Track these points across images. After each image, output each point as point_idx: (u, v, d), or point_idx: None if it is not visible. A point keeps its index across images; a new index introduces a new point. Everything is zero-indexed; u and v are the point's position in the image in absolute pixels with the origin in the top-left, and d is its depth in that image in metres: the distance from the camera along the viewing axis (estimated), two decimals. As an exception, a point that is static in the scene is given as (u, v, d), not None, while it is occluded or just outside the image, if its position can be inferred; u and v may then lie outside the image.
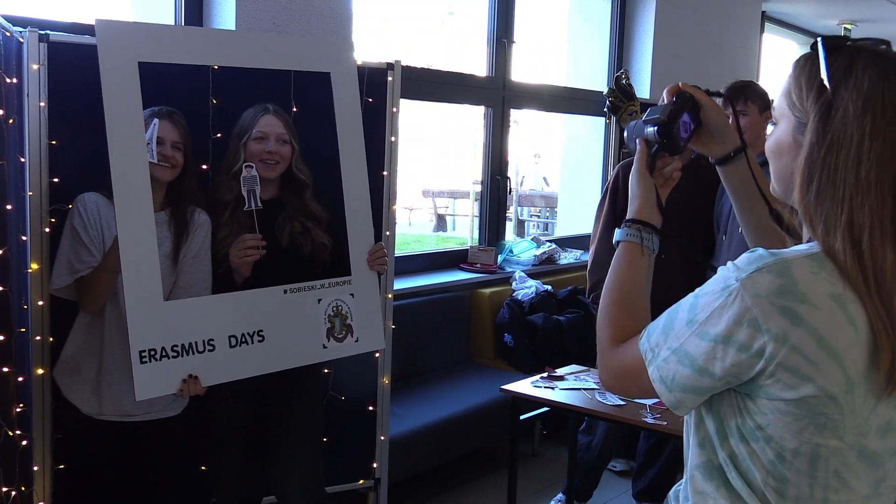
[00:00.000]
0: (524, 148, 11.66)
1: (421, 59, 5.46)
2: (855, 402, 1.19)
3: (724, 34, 6.83)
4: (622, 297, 1.42)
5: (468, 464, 4.40)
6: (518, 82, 5.36)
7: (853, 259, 1.17)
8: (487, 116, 5.27)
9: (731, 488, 1.28)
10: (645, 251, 1.44)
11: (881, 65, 1.21)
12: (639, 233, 1.45)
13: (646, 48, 6.05)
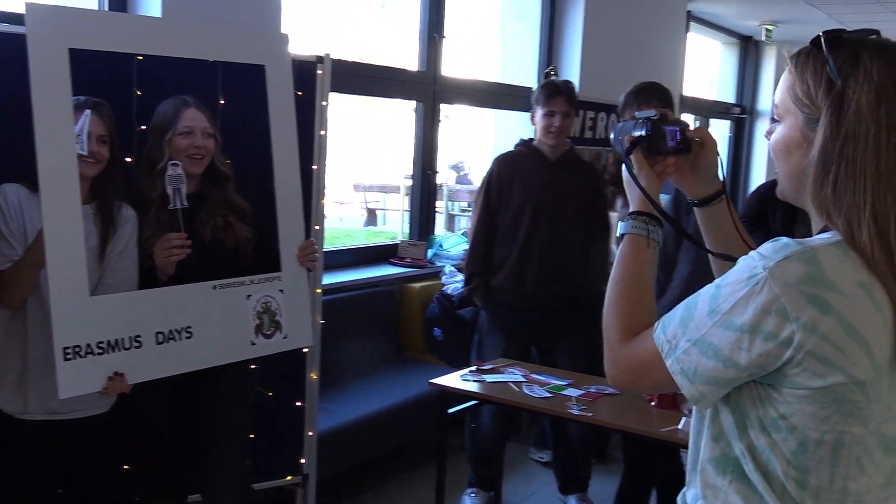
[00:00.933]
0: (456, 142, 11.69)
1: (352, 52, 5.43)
2: (881, 389, 1.19)
3: (651, 32, 6.95)
4: (631, 290, 1.39)
5: (397, 458, 4.41)
6: (449, 77, 5.38)
7: (880, 249, 1.17)
8: (418, 111, 5.27)
9: (745, 482, 1.27)
10: (651, 243, 1.42)
11: (887, 54, 1.22)
12: (645, 225, 1.42)
13: (575, 45, 6.12)
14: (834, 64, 1.21)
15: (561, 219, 3.93)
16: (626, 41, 6.60)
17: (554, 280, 3.91)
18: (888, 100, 1.18)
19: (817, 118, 1.23)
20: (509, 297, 3.96)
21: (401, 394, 4.22)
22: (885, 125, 1.18)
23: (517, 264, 3.91)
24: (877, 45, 1.23)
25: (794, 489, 1.23)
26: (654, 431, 2.91)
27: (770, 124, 1.35)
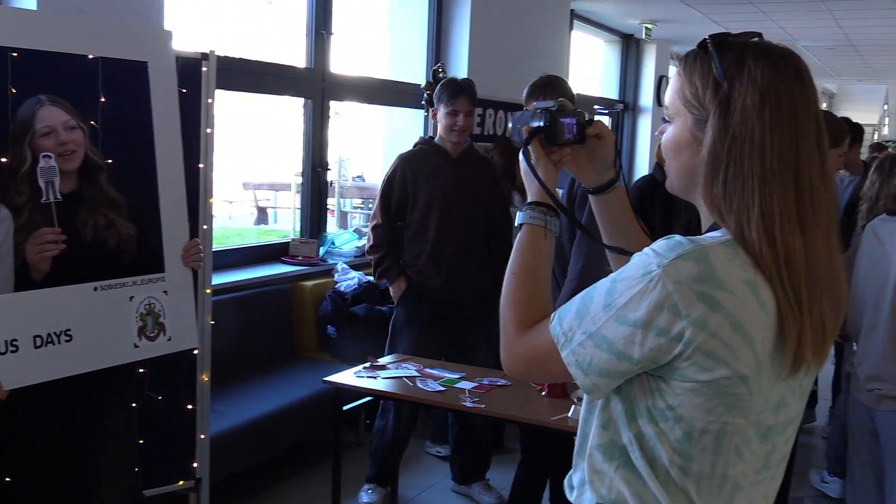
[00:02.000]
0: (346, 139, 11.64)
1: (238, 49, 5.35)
2: (761, 382, 1.24)
3: (536, 30, 7.08)
4: (528, 280, 1.40)
5: (293, 457, 4.37)
6: (338, 74, 5.36)
7: (767, 247, 1.21)
8: (307, 108, 5.23)
9: (631, 468, 1.30)
10: (548, 234, 1.43)
11: (770, 57, 1.26)
12: (542, 215, 1.43)
13: (462, 42, 6.18)
14: (720, 66, 1.26)
15: (468, 214, 4.00)
16: (512, 38, 6.71)
17: (466, 274, 3.96)
18: (771, 101, 1.23)
19: (706, 119, 1.27)
20: (423, 293, 3.98)
21: (295, 393, 4.19)
22: (770, 126, 1.22)
23: (430, 260, 3.96)
24: (760, 48, 1.27)
25: (677, 476, 1.28)
26: (545, 420, 2.98)
27: (662, 124, 1.38)
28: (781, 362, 1.24)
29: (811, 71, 1.29)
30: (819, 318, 1.24)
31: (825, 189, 1.25)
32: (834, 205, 1.29)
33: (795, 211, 1.22)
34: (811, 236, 1.23)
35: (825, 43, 10.62)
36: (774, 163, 1.22)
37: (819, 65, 12.67)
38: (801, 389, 1.33)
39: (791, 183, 1.22)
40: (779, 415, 1.31)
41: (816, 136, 1.25)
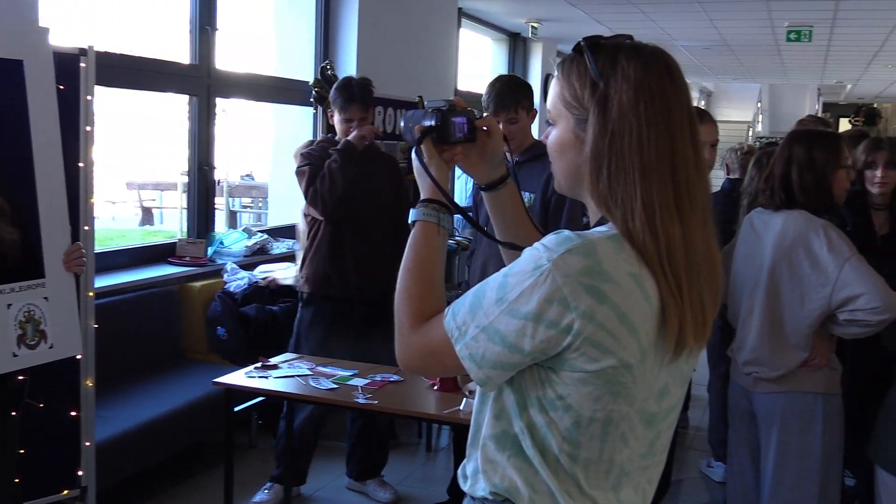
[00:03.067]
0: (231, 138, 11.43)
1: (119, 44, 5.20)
2: (645, 371, 1.29)
3: (425, 28, 7.12)
4: (422, 276, 1.43)
5: (186, 461, 4.29)
6: (224, 71, 5.26)
7: (650, 237, 1.26)
8: (192, 105, 5.12)
9: (523, 457, 1.34)
10: (441, 230, 1.45)
11: (641, 56, 1.31)
12: (435, 212, 1.45)
13: (350, 39, 6.17)
14: (595, 67, 1.31)
15: (373, 211, 3.98)
16: (401, 36, 6.73)
17: (372, 272, 3.95)
18: (645, 97, 1.28)
19: (586, 118, 1.31)
20: (329, 289, 3.95)
21: (184, 395, 4.10)
22: (645, 120, 1.27)
23: (336, 259, 3.92)
24: (631, 48, 1.33)
25: (566, 462, 1.33)
26: (438, 414, 3.03)
27: (546, 127, 1.42)
28: (664, 349, 1.30)
29: (690, 70, 1.37)
30: (699, 303, 1.30)
31: (700, 179, 1.32)
32: (708, 194, 1.35)
33: (674, 201, 1.28)
34: (689, 225, 1.29)
35: (702, 43, 11.04)
36: (652, 156, 1.27)
37: (697, 64, 13.16)
38: (682, 377, 1.40)
39: (668, 174, 1.28)
40: (662, 402, 1.36)
41: (690, 129, 1.31)
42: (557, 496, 1.33)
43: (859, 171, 3.48)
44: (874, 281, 2.64)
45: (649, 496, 1.45)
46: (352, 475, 4.20)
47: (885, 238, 3.47)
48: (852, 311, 2.67)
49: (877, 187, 3.43)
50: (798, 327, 2.80)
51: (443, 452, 4.84)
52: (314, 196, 3.81)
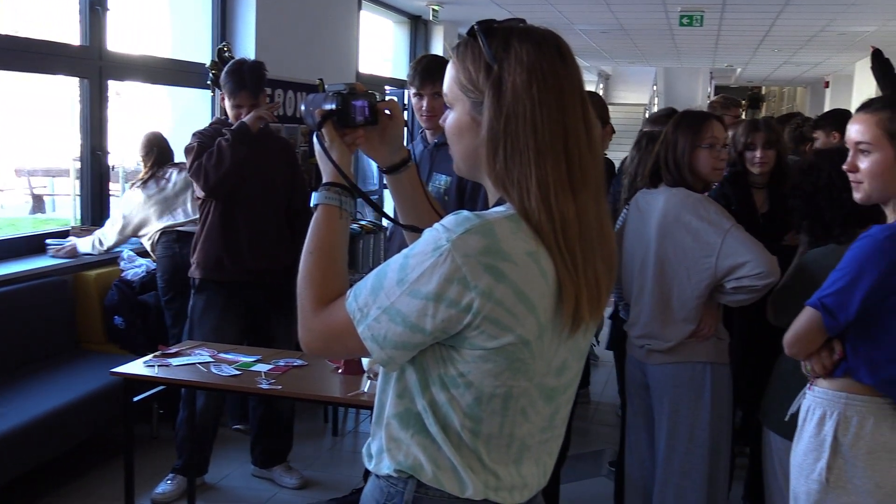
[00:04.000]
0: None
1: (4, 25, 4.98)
2: (544, 347, 1.33)
3: (325, 9, 7.04)
4: (324, 259, 1.43)
5: (85, 455, 4.18)
6: (116, 52, 5.10)
7: (545, 215, 1.29)
8: (83, 88, 4.95)
9: (426, 434, 1.37)
10: (343, 213, 1.46)
11: (533, 39, 1.34)
12: (337, 196, 1.46)
13: (248, 20, 6.05)
14: (489, 50, 1.33)
15: (268, 195, 3.93)
16: (301, 17, 6.65)
17: (265, 255, 3.91)
18: (538, 79, 1.31)
19: (482, 101, 1.34)
20: (222, 274, 3.89)
21: (81, 387, 3.99)
22: (538, 102, 1.31)
23: (229, 243, 3.86)
24: (524, 31, 1.36)
25: (468, 438, 1.36)
26: (342, 397, 3.03)
27: (444, 111, 1.44)
28: (562, 325, 1.34)
29: (588, 53, 1.41)
30: (593, 278, 1.34)
31: (592, 158, 1.36)
32: (601, 173, 1.39)
33: (567, 180, 1.31)
34: (582, 202, 1.33)
35: (599, 27, 11.26)
36: (546, 136, 1.31)
37: (595, 48, 13.40)
38: (580, 352, 1.45)
39: (562, 154, 1.31)
40: (561, 377, 1.41)
41: (582, 109, 1.35)
42: (460, 471, 1.37)
43: (739, 152, 3.63)
44: (756, 248, 2.77)
45: (549, 469, 1.49)
46: (257, 462, 4.17)
47: (766, 216, 3.63)
48: (738, 279, 2.79)
49: (756, 167, 3.59)
50: (686, 300, 2.90)
51: (349, 436, 4.85)
52: (197, 169, 3.75)
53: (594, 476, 4.37)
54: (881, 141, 2.09)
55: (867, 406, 2.10)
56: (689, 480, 2.95)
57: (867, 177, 2.11)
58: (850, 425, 2.10)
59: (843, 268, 2.09)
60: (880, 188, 2.11)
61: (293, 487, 4.06)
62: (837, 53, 13.83)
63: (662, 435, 3.00)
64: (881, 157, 2.09)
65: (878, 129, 2.09)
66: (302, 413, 4.75)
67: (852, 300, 2.05)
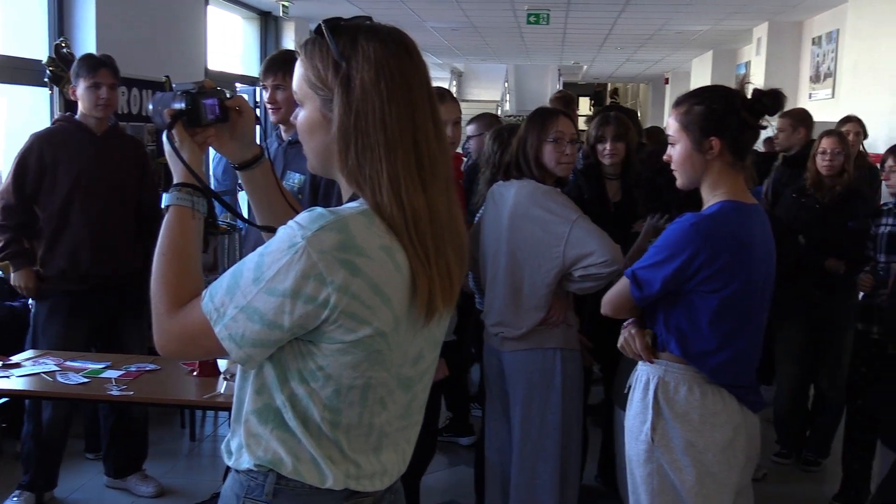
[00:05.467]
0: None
1: None
2: (400, 338, 1.35)
3: (170, 4, 6.84)
4: (177, 260, 1.41)
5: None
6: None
7: (397, 209, 1.31)
8: None
9: (285, 428, 1.37)
10: (196, 214, 1.44)
11: (379, 36, 1.35)
12: (189, 196, 1.44)
13: (88, 15, 5.81)
14: (336, 48, 1.34)
15: (116, 194, 3.79)
16: (144, 12, 6.43)
17: (112, 258, 3.76)
18: (386, 75, 1.33)
19: (331, 98, 1.35)
20: (66, 283, 3.71)
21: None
22: (387, 98, 1.33)
23: (74, 246, 3.70)
24: (370, 28, 1.38)
25: (328, 429, 1.37)
26: (198, 400, 2.98)
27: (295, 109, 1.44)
28: (417, 315, 1.37)
29: (441, 51, 1.45)
30: (445, 268, 1.38)
31: (441, 152, 1.40)
32: (449, 165, 1.44)
33: (417, 174, 1.34)
34: (432, 196, 1.36)
35: (450, 24, 11.42)
36: (395, 132, 1.33)
37: (447, 45, 13.58)
38: (435, 341, 1.49)
39: (411, 149, 1.34)
40: (417, 366, 1.45)
41: (430, 105, 1.39)
42: (321, 463, 1.38)
43: (592, 145, 3.79)
44: (601, 238, 2.90)
45: (408, 455, 1.53)
46: (110, 472, 4.02)
47: (618, 205, 3.79)
48: (585, 268, 2.92)
49: (607, 158, 3.75)
50: (536, 289, 3.01)
51: (208, 440, 4.75)
52: None
53: (455, 465, 4.45)
54: (680, 133, 2.28)
55: (682, 373, 2.26)
56: (542, 462, 3.06)
57: (675, 165, 2.31)
58: (669, 389, 2.26)
59: (658, 246, 2.26)
60: (686, 175, 2.30)
61: (150, 496, 3.94)
62: (675, 51, 14.54)
63: (517, 420, 3.10)
64: (681, 148, 2.28)
65: (676, 122, 2.29)
66: (158, 419, 4.62)
67: (656, 278, 2.22)
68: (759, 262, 2.26)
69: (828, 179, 4.17)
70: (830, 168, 4.15)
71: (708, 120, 2.22)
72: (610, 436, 3.73)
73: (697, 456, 2.23)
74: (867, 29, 7.46)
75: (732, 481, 2.27)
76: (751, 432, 2.31)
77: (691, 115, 2.25)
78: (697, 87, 2.42)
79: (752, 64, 11.04)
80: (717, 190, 2.25)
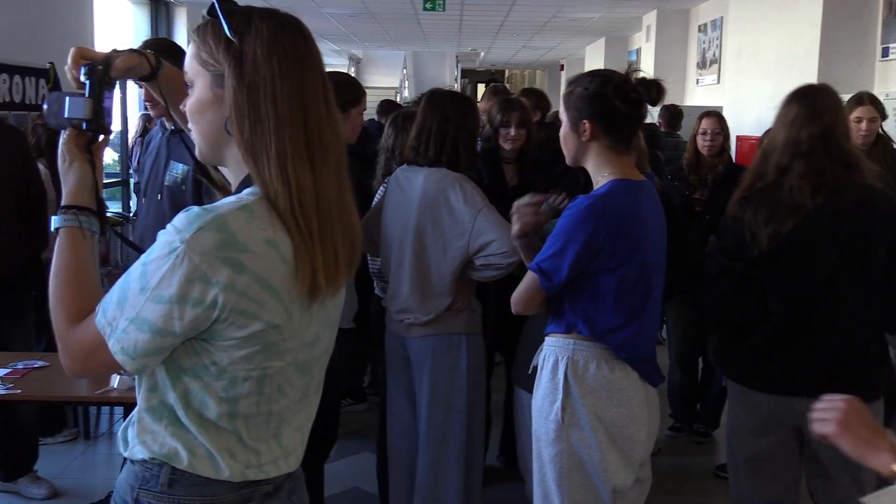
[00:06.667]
0: None
1: None
2: (293, 327, 1.35)
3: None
4: (71, 280, 1.40)
5: None
6: None
7: (282, 184, 1.31)
8: None
9: (179, 425, 1.36)
10: (86, 233, 1.43)
11: (274, 18, 1.36)
12: (76, 217, 1.43)
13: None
14: (229, 25, 1.35)
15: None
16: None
17: None
18: (279, 52, 1.34)
19: (223, 74, 1.35)
20: None
21: None
22: (278, 73, 1.34)
23: None
24: (264, 10, 1.40)
25: (226, 421, 1.37)
26: (90, 396, 2.89)
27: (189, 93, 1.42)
28: (306, 300, 1.37)
29: (339, 37, 1.46)
30: (332, 248, 1.38)
31: (332, 134, 1.40)
32: (341, 147, 1.44)
33: (305, 151, 1.35)
34: (320, 173, 1.37)
35: (347, 10, 11.34)
36: (285, 107, 1.34)
37: (344, 32, 13.48)
38: (331, 323, 1.50)
39: (300, 125, 1.35)
40: (314, 350, 1.46)
41: (322, 85, 1.40)
42: (217, 457, 1.38)
43: (496, 128, 3.82)
44: (503, 228, 2.93)
45: (307, 430, 1.54)
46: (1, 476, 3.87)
47: (516, 189, 3.84)
48: (486, 257, 2.96)
49: (509, 143, 3.79)
50: (442, 275, 3.03)
51: (103, 439, 4.62)
52: None
53: (358, 452, 4.45)
54: (563, 113, 2.36)
55: (591, 350, 2.31)
56: (447, 446, 3.09)
57: (561, 143, 2.38)
58: (578, 367, 2.31)
59: (556, 234, 2.30)
60: (567, 153, 2.38)
61: (41, 498, 3.81)
62: (569, 38, 14.80)
63: (423, 404, 3.12)
64: (563, 127, 2.36)
65: (562, 102, 2.37)
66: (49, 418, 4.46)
67: (563, 265, 2.26)
68: (654, 236, 2.34)
69: (709, 159, 4.34)
70: (711, 148, 4.32)
71: (582, 102, 2.30)
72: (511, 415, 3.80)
73: (605, 431, 2.29)
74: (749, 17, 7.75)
75: (638, 456, 2.35)
76: (652, 407, 2.39)
77: (572, 97, 2.33)
78: (590, 70, 2.48)
79: (643, 51, 11.35)
80: (603, 171, 2.32)
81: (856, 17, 6.09)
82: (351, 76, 4.10)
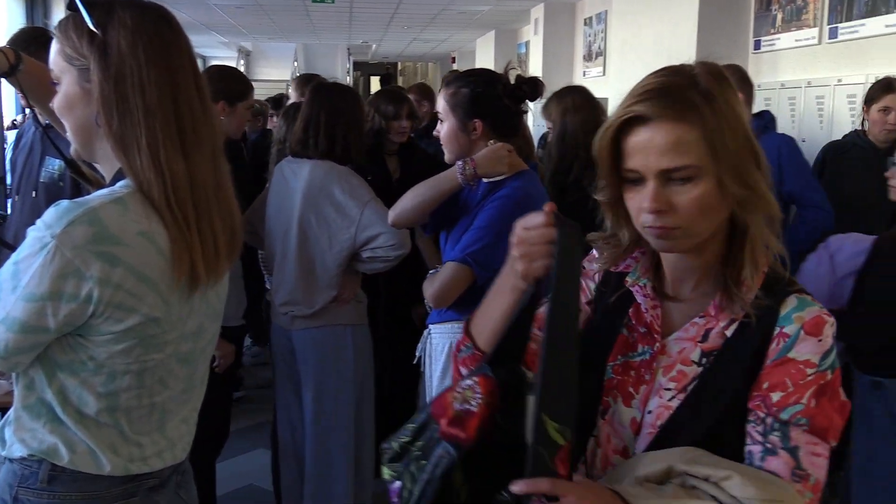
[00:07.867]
0: None
1: None
2: (172, 319, 1.34)
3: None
4: None
5: None
6: None
7: (155, 174, 1.29)
8: None
9: (58, 422, 1.34)
10: None
11: (136, 7, 1.35)
12: None
13: None
14: (91, 18, 1.33)
15: None
16: None
17: None
18: (143, 40, 1.33)
19: (89, 67, 1.33)
20: None
21: None
22: (145, 62, 1.33)
23: None
24: (126, 1, 1.37)
25: (106, 416, 1.36)
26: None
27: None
28: (185, 291, 1.36)
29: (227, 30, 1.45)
30: (210, 236, 1.38)
31: (206, 119, 1.40)
32: (217, 134, 1.43)
33: (178, 139, 1.34)
34: (195, 162, 1.36)
35: (234, 2, 11.13)
36: (154, 96, 1.33)
37: (233, 24, 13.22)
38: (215, 313, 1.51)
39: (171, 114, 1.34)
40: (198, 341, 1.46)
41: (192, 72, 1.39)
42: (98, 453, 1.37)
43: (388, 121, 3.83)
44: None
45: (193, 421, 1.54)
46: None
47: (399, 181, 3.87)
48: (374, 249, 2.98)
49: (399, 136, 3.83)
50: (328, 268, 3.04)
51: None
52: None
53: (254, 449, 4.41)
54: (447, 112, 2.42)
55: None
56: (335, 436, 3.11)
57: (443, 142, 2.44)
58: None
59: (485, 227, 2.33)
60: (453, 151, 2.43)
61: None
62: (460, 31, 14.91)
63: (310, 396, 3.12)
64: (448, 126, 2.42)
65: (444, 102, 2.42)
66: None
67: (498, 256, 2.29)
68: None
69: None
70: None
71: (472, 103, 2.36)
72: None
73: None
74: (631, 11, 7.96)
75: None
76: None
77: (458, 97, 2.38)
78: (466, 69, 2.55)
79: (531, 43, 11.51)
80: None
81: (729, 12, 6.34)
82: (237, 70, 4.04)
